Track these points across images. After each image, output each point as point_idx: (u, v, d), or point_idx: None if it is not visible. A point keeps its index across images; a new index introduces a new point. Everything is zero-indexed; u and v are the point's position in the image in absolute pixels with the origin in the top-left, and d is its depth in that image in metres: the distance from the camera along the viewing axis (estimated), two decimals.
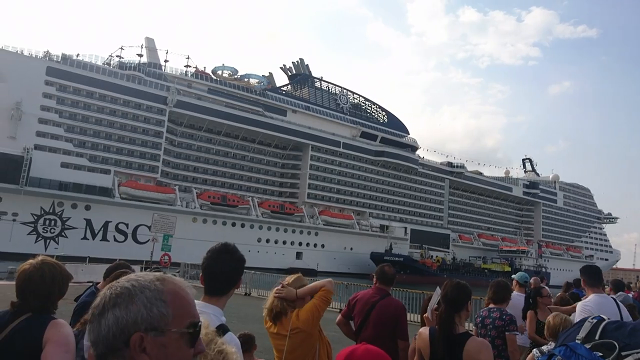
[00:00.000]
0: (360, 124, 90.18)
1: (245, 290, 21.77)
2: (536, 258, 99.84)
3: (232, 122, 72.16)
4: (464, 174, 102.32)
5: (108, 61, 68.37)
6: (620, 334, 1.55)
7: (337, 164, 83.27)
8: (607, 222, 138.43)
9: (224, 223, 68.16)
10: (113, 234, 59.84)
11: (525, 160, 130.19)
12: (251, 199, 73.23)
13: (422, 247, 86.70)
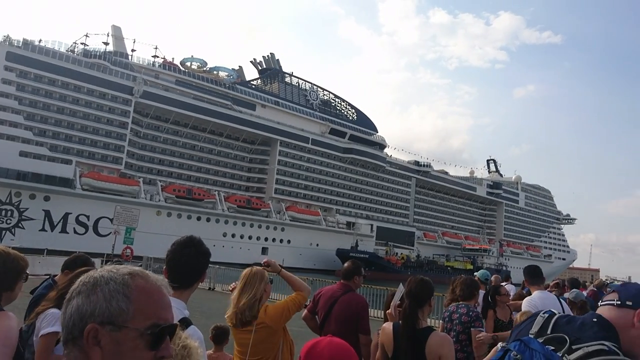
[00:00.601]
0: (330, 121, 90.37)
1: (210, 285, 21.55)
2: (497, 256, 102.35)
3: (200, 115, 71.15)
4: (430, 173, 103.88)
5: (72, 48, 66.28)
6: (570, 328, 1.64)
7: (306, 160, 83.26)
8: (565, 222, 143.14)
9: (189, 217, 67.22)
10: (73, 226, 58.20)
11: (489, 161, 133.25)
12: (217, 193, 72.47)
13: (387, 244, 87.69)
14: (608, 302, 1.75)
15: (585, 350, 1.54)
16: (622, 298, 1.72)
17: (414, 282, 3.17)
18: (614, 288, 1.81)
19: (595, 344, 1.55)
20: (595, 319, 1.67)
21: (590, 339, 1.58)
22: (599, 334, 1.60)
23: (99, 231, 57.79)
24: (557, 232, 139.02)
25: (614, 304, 1.73)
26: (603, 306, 1.76)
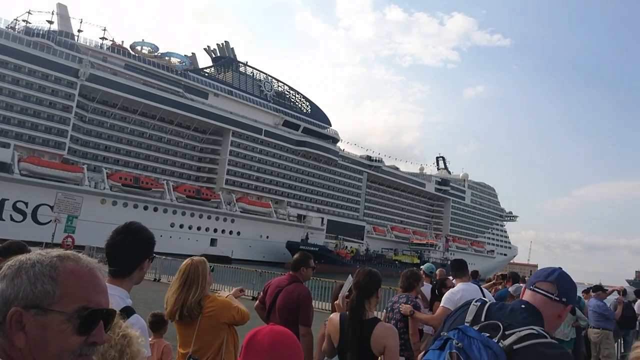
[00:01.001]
0: (284, 113, 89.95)
1: (155, 276, 21.06)
2: (443, 251, 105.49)
3: (150, 102, 69.02)
4: (381, 168, 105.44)
5: (12, 25, 62.63)
6: (502, 315, 1.80)
7: (258, 152, 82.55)
8: (508, 220, 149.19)
9: (135, 206, 65.23)
10: (10, 213, 55.23)
11: (438, 158, 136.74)
12: (166, 183, 70.69)
13: (337, 237, 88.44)
14: (546, 294, 1.89)
15: (518, 335, 1.67)
16: (560, 295, 1.89)
17: (362, 274, 3.20)
18: (552, 280, 1.92)
19: (526, 328, 1.69)
20: (524, 306, 1.85)
21: (520, 324, 1.72)
22: (528, 319, 1.77)
23: (39, 219, 55.14)
24: (500, 228, 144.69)
25: (552, 298, 1.88)
26: (539, 293, 1.90)
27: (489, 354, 1.61)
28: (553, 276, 1.94)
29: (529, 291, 1.95)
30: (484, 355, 1.61)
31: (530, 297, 1.93)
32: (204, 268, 3.51)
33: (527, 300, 1.91)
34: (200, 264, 3.54)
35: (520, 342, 1.65)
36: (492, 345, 1.64)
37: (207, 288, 3.49)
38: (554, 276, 1.94)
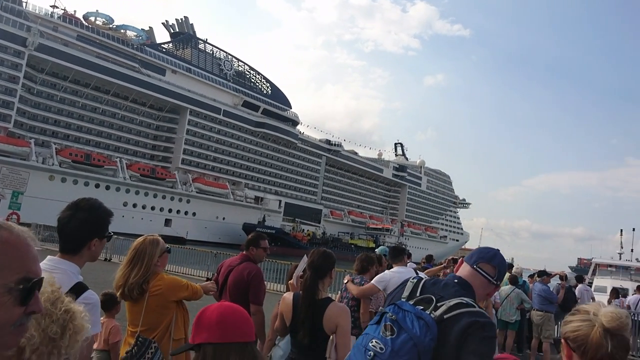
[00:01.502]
0: (243, 93, 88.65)
1: (106, 256, 20.54)
2: (398, 236, 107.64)
3: (103, 76, 66.43)
4: (340, 153, 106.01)
5: None
6: (436, 289, 1.95)
7: (216, 132, 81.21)
8: (461, 206, 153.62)
9: (86, 184, 63.04)
10: None
11: (397, 144, 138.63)
12: (119, 160, 68.54)
13: (294, 220, 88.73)
14: (487, 276, 2.04)
15: (448, 305, 1.83)
16: (497, 279, 2.07)
17: (316, 254, 3.21)
18: (495, 264, 2.07)
19: (455, 299, 1.85)
20: (456, 280, 2.01)
21: (451, 296, 1.88)
22: (459, 292, 1.92)
23: None
24: (453, 215, 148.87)
25: (491, 281, 2.04)
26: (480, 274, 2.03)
27: (421, 324, 1.76)
28: (496, 260, 2.07)
29: (470, 268, 2.06)
30: (415, 325, 1.75)
31: (468, 274, 2.05)
32: (152, 250, 3.45)
33: (462, 275, 2.05)
34: (149, 245, 3.47)
35: (449, 311, 1.81)
36: (424, 316, 1.79)
37: (160, 270, 3.46)
38: (497, 260, 2.07)
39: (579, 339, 1.47)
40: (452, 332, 1.77)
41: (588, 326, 1.45)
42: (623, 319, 1.45)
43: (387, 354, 1.70)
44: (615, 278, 25.12)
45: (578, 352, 1.46)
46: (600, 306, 1.52)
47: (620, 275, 26.56)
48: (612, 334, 1.42)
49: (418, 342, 1.71)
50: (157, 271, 3.46)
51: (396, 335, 1.73)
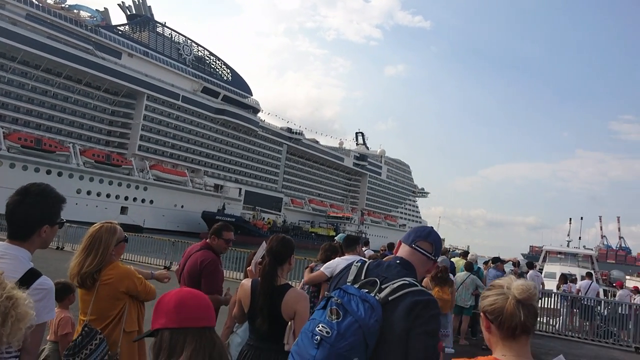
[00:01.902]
0: (203, 79, 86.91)
1: (58, 244, 19.87)
2: (358, 224, 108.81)
3: (55, 57, 63.60)
4: (301, 141, 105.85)
5: None
6: (379, 271, 2.01)
7: (174, 118, 79.41)
8: (420, 195, 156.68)
9: (36, 170, 60.43)
10: None
11: (358, 133, 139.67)
12: (72, 146, 66.01)
13: (255, 208, 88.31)
14: (425, 253, 2.13)
15: (392, 287, 1.89)
16: (435, 254, 2.16)
17: (275, 240, 3.17)
18: (431, 240, 2.17)
19: (398, 280, 1.92)
20: (398, 261, 2.08)
21: (394, 277, 1.95)
22: (401, 273, 1.99)
23: None
24: (412, 204, 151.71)
25: (430, 257, 2.14)
26: (418, 252, 2.12)
27: (366, 307, 1.80)
28: (431, 237, 2.17)
29: (408, 248, 2.15)
30: (361, 308, 1.79)
31: (408, 253, 2.14)
32: (108, 238, 3.33)
33: (402, 256, 2.12)
34: (106, 233, 3.35)
35: (394, 293, 1.87)
36: (369, 298, 1.83)
37: (116, 259, 3.37)
38: (432, 237, 2.17)
39: (496, 311, 1.59)
40: (398, 313, 1.84)
41: (503, 299, 1.59)
42: (532, 290, 1.59)
43: (334, 337, 1.73)
44: (564, 265, 26.24)
45: (496, 323, 1.60)
46: (512, 280, 1.65)
47: (568, 262, 27.76)
48: (523, 304, 1.57)
49: (363, 324, 1.76)
50: (112, 260, 3.35)
51: (342, 318, 1.77)
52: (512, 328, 1.57)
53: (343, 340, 1.72)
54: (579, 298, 13.22)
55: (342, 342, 1.72)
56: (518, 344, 1.59)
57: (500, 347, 1.60)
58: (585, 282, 14.55)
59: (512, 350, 1.58)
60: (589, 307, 12.51)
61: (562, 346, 10.82)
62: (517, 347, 1.58)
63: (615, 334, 12.08)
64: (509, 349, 1.58)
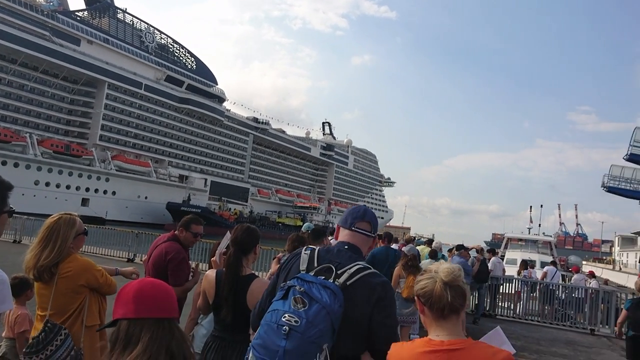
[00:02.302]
0: (166, 67, 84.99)
1: (15, 237, 19.22)
2: (325, 214, 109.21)
3: (9, 43, 60.85)
4: (268, 131, 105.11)
5: None
6: (331, 256, 2.04)
7: (137, 107, 77.46)
8: (386, 185, 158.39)
9: None
10: None
11: (324, 123, 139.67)
12: (29, 136, 63.58)
13: (221, 199, 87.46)
14: (366, 233, 2.19)
15: (349, 272, 1.94)
16: (373, 231, 2.22)
17: (240, 230, 3.12)
18: (368, 219, 2.22)
19: (353, 265, 1.98)
20: (347, 246, 2.12)
21: (347, 261, 2.00)
22: (353, 257, 2.05)
23: None
24: (379, 193, 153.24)
25: (370, 235, 2.20)
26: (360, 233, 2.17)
27: (328, 293, 1.83)
28: (367, 216, 2.23)
29: (349, 231, 2.19)
30: (324, 294, 1.81)
31: (350, 236, 2.18)
32: (66, 231, 3.22)
33: (346, 240, 2.16)
34: (64, 225, 3.24)
35: (351, 277, 1.92)
36: (329, 285, 1.86)
37: (68, 251, 3.22)
38: (369, 216, 2.23)
39: (427, 294, 1.72)
40: (358, 296, 1.90)
41: (432, 283, 1.71)
42: (456, 272, 1.71)
43: (303, 326, 1.73)
44: (524, 251, 27.07)
45: (427, 305, 1.73)
46: (439, 265, 1.78)
47: (529, 249, 28.66)
48: (450, 285, 1.69)
49: (330, 310, 1.78)
50: (70, 253, 3.23)
51: (308, 306, 1.77)
52: (441, 309, 1.69)
53: (313, 328, 1.72)
54: (539, 283, 13.68)
55: (313, 330, 1.72)
56: (449, 323, 1.69)
57: (434, 328, 1.71)
58: (551, 269, 15.06)
59: (445, 330, 1.68)
60: (551, 291, 12.95)
61: (522, 329, 11.17)
62: (449, 326, 1.69)
63: (572, 317, 12.55)
64: (441, 328, 1.69)
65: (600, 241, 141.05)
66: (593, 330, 11.77)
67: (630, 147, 36.10)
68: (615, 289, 14.15)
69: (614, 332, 11.33)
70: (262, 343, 1.78)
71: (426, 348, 1.67)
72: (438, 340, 1.68)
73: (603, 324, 12.03)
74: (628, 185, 46.60)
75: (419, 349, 1.67)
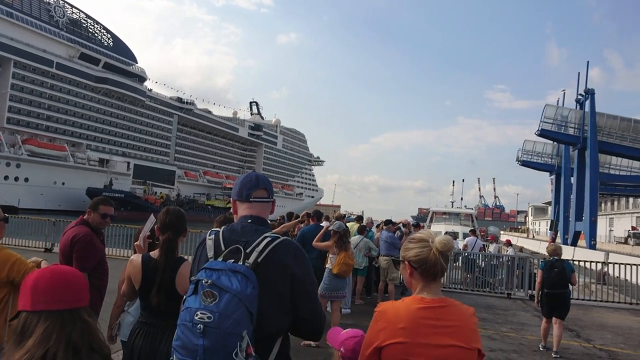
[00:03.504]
0: (80, 44, 79.64)
1: None
2: None
3: None
4: (193, 111, 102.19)
5: None
6: (237, 236, 1.94)
7: (49, 87, 72.28)
8: (315, 164, 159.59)
9: None
10: None
11: (252, 103, 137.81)
12: None
13: (145, 183, 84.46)
14: (265, 200, 2.12)
15: (257, 250, 1.86)
16: (271, 195, 2.16)
17: (172, 213, 3.05)
18: (263, 185, 2.14)
19: (260, 239, 1.89)
20: (250, 220, 2.03)
21: (254, 236, 1.91)
22: (259, 229, 1.97)
23: None
24: (309, 172, 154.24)
25: (269, 201, 2.14)
26: (259, 202, 2.09)
27: (239, 278, 1.74)
28: (261, 182, 2.14)
29: (247, 203, 2.09)
30: (234, 281, 1.72)
31: (249, 209, 2.08)
32: None
33: (247, 213, 2.06)
34: None
35: (262, 253, 1.84)
36: (239, 268, 1.77)
37: None
38: (262, 182, 2.14)
39: (421, 260, 1.90)
40: (273, 271, 1.84)
41: (427, 251, 1.90)
42: (450, 244, 1.92)
43: (217, 320, 1.66)
44: (448, 224, 28.53)
45: (419, 270, 1.91)
46: (432, 235, 1.97)
47: (452, 221, 30.22)
48: (443, 254, 1.90)
49: (242, 297, 1.70)
50: None
51: (218, 298, 1.69)
52: (434, 273, 1.91)
53: (227, 320, 1.67)
54: (461, 253, 14.46)
55: (227, 322, 1.66)
56: (435, 283, 1.94)
57: (421, 289, 1.92)
58: (471, 239, 15.91)
59: (432, 290, 1.92)
60: (472, 260, 13.73)
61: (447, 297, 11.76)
62: (435, 287, 1.94)
63: (491, 283, 13.41)
64: (429, 289, 1.91)
65: (516, 212, 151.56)
66: (510, 294, 12.62)
67: (541, 123, 38.59)
68: (529, 256, 15.25)
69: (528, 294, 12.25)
70: (182, 344, 1.72)
71: (421, 304, 1.86)
72: (429, 299, 1.88)
73: (518, 288, 12.94)
74: (539, 159, 50.17)
75: (414, 305, 1.86)
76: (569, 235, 40.93)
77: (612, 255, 24.76)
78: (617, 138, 37.40)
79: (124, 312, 3.38)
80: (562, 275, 7.21)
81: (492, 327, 8.71)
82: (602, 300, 12.43)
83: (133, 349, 2.76)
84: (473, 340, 1.83)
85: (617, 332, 8.88)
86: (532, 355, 6.88)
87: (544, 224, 79.69)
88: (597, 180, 36.47)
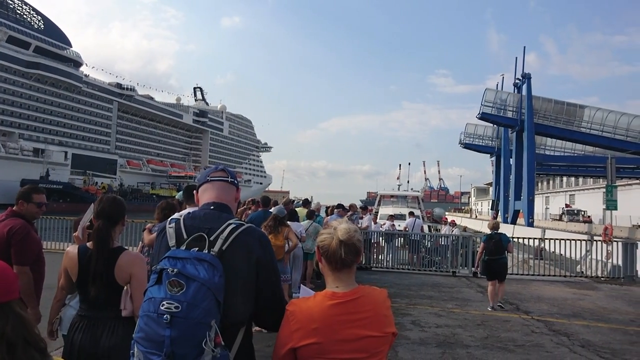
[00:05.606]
0: (7, 27, 74.74)
1: None
2: None
3: None
4: (134, 98, 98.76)
5: None
6: (199, 223, 1.86)
7: None
8: (263, 150, 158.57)
9: None
10: None
11: (196, 88, 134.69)
12: None
13: (85, 173, 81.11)
14: (222, 178, 2.04)
15: (222, 237, 1.80)
16: (232, 178, 2.07)
17: (106, 201, 2.91)
18: (222, 168, 2.09)
19: (224, 226, 1.83)
20: (212, 207, 1.95)
21: (219, 224, 1.84)
22: (222, 217, 1.90)
23: None
24: (257, 159, 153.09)
25: (227, 181, 2.04)
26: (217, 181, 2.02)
27: (205, 266, 1.68)
28: (222, 167, 2.11)
29: (207, 184, 2.03)
30: (200, 269, 1.66)
31: (210, 190, 2.01)
32: None
33: (210, 199, 1.98)
34: None
35: (226, 241, 1.79)
36: (204, 256, 1.71)
37: None
38: (223, 167, 2.11)
39: (324, 247, 1.83)
40: (238, 260, 1.79)
41: (330, 238, 1.83)
42: (352, 233, 1.83)
43: (185, 310, 1.61)
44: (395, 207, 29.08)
45: (324, 257, 1.84)
46: (339, 223, 1.88)
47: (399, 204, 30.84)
48: (345, 243, 1.80)
49: (210, 285, 1.66)
50: None
51: (185, 287, 1.63)
52: (335, 262, 1.82)
53: (196, 309, 1.61)
54: (404, 234, 14.84)
55: (196, 311, 1.61)
56: (343, 274, 1.84)
57: (332, 279, 1.85)
58: (410, 220, 16.30)
59: (341, 281, 1.83)
60: (416, 241, 14.10)
61: (395, 278, 12.02)
62: (344, 278, 1.84)
63: (438, 262, 13.84)
64: (339, 280, 1.84)
65: (460, 193, 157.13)
66: (455, 272, 13.08)
67: (482, 106, 39.91)
68: (472, 235, 15.81)
69: (472, 271, 12.75)
70: (145, 336, 1.64)
71: (333, 301, 1.77)
72: (341, 292, 1.80)
73: (462, 267, 13.43)
74: (481, 141, 51.98)
75: (327, 302, 1.77)
76: (509, 214, 42.82)
77: (548, 232, 26.20)
78: (552, 120, 39.25)
79: (65, 306, 3.23)
80: (499, 245, 8.91)
81: (439, 304, 9.00)
82: (539, 275, 13.13)
83: (73, 343, 2.64)
84: (386, 325, 1.80)
85: (552, 304, 9.39)
86: (475, 329, 7.16)
87: (486, 204, 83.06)
88: (534, 161, 38.19)
